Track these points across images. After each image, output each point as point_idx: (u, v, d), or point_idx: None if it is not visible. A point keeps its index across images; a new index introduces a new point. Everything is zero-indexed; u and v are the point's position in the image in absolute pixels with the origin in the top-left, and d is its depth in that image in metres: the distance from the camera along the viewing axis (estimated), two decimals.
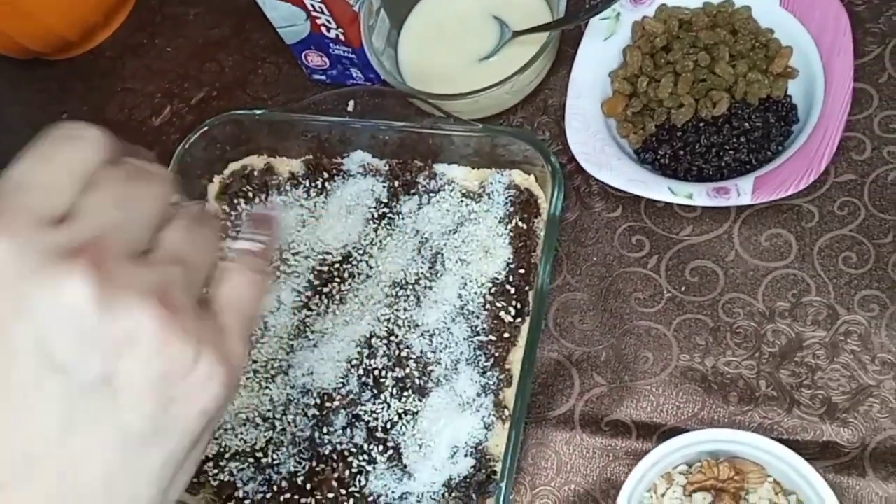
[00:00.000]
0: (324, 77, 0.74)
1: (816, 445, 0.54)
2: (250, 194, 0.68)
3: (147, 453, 0.30)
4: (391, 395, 0.58)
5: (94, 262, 0.28)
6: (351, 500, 0.56)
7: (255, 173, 0.68)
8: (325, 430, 0.58)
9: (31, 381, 0.28)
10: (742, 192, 0.56)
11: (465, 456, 0.55)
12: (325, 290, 0.63)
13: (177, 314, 0.29)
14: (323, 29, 0.66)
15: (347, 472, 0.57)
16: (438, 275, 0.61)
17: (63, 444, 0.28)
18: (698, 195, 0.57)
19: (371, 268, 0.63)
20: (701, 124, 0.61)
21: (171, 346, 0.29)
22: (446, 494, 0.55)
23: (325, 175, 0.67)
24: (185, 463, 0.32)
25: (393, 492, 0.56)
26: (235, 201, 0.68)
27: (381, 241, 0.64)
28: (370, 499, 0.56)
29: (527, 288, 0.60)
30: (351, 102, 0.65)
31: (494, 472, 0.55)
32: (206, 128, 0.67)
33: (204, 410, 0.31)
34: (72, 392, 0.28)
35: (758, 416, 0.55)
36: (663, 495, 0.51)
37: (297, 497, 0.57)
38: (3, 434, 0.28)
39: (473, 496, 0.55)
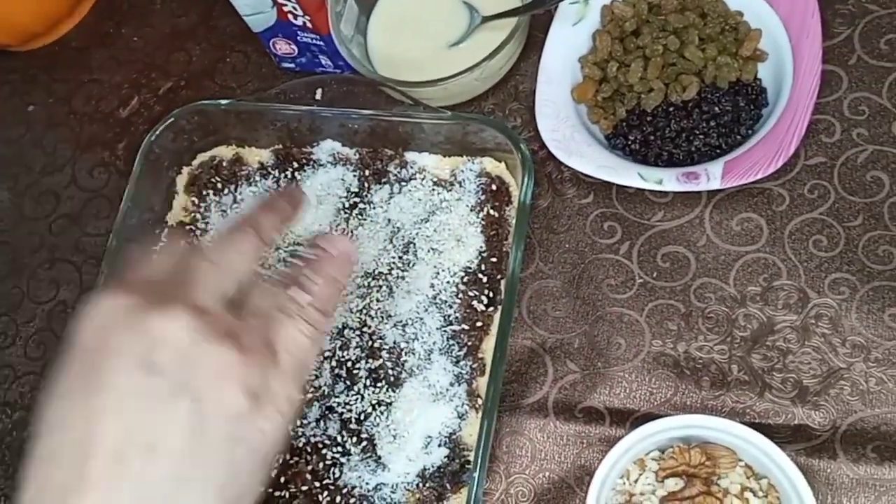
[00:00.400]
0: (293, 65, 0.73)
1: (788, 429, 0.54)
2: (219, 185, 0.67)
3: (204, 464, 0.34)
4: (364, 386, 0.58)
5: (195, 305, 0.36)
6: (325, 493, 0.56)
7: (224, 164, 0.68)
8: (298, 422, 0.58)
9: (133, 383, 0.34)
10: (712, 176, 0.56)
11: (439, 446, 0.55)
12: None
13: (252, 357, 0.35)
14: (290, 16, 0.65)
15: (321, 465, 0.56)
16: (410, 264, 0.61)
17: (143, 433, 0.33)
18: (668, 181, 0.57)
19: None
20: (671, 109, 0.61)
21: (244, 386, 0.35)
22: (420, 485, 0.55)
23: (295, 165, 0.66)
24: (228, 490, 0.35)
25: (367, 483, 0.55)
26: (204, 192, 0.67)
27: (352, 231, 0.63)
28: (344, 490, 0.56)
29: (499, 276, 0.60)
30: (319, 91, 0.64)
31: (468, 462, 0.55)
32: (172, 119, 0.66)
33: (257, 451, 0.36)
34: (163, 390, 0.33)
35: (730, 401, 0.55)
36: (636, 481, 0.52)
37: (270, 490, 0.56)
38: (97, 430, 0.33)
39: (447, 486, 0.54)
